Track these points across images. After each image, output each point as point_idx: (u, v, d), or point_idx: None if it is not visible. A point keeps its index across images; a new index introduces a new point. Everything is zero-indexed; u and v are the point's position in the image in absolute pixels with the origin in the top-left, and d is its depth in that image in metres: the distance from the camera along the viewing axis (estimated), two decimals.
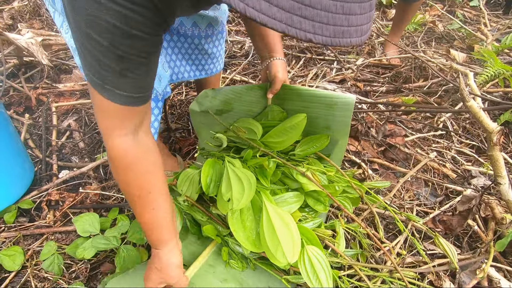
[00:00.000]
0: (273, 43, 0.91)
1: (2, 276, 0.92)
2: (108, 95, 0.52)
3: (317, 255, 0.71)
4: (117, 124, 0.57)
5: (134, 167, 0.60)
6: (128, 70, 0.50)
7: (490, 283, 0.89)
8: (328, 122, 0.96)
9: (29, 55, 1.60)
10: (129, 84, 0.52)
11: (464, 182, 1.20)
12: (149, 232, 0.67)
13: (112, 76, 0.50)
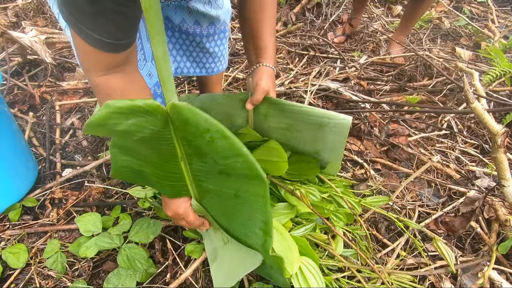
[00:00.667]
0: (264, 46, 0.81)
1: (7, 273, 0.93)
2: (81, 34, 0.52)
3: (308, 266, 0.70)
4: (94, 65, 0.57)
5: (117, 96, 0.60)
6: (100, 14, 0.49)
7: (492, 285, 0.89)
8: (317, 146, 0.84)
9: (32, 53, 1.61)
10: (100, 28, 0.51)
11: (467, 183, 1.19)
12: None
13: (83, 17, 0.49)
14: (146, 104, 0.31)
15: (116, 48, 0.55)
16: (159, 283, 0.91)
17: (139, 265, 0.89)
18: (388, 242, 1.00)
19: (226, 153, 0.41)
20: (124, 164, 0.46)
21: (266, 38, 0.81)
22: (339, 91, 1.56)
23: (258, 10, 0.79)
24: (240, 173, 0.44)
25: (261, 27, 0.80)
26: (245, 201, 0.50)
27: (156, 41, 0.26)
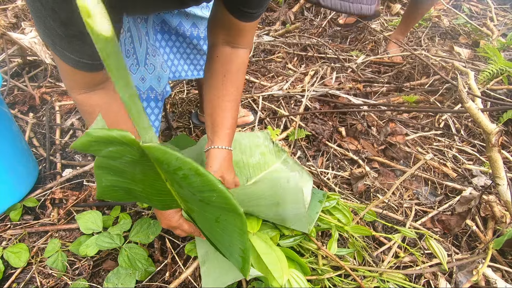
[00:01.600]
0: (219, 124, 0.74)
1: (8, 272, 0.95)
2: (60, 56, 0.52)
3: (296, 278, 0.72)
4: (74, 84, 0.58)
5: (104, 117, 0.60)
6: (73, 37, 0.49)
7: (487, 283, 0.90)
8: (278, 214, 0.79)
9: (32, 54, 1.62)
10: (77, 50, 0.51)
11: (464, 182, 1.20)
12: None
13: (59, 39, 0.49)
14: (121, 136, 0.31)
15: (95, 67, 0.55)
16: (158, 281, 0.93)
17: (139, 264, 0.90)
18: (385, 240, 1.01)
19: (201, 188, 0.41)
20: (110, 183, 0.46)
21: (224, 115, 0.74)
22: (336, 94, 1.57)
23: (220, 81, 0.74)
24: (218, 205, 0.45)
25: (220, 102, 0.74)
26: (225, 227, 0.51)
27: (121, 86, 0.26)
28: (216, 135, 0.74)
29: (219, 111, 0.74)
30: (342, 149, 1.33)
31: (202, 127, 1.44)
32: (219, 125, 0.74)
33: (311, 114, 1.48)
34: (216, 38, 0.73)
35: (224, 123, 0.74)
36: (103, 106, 0.62)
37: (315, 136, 1.36)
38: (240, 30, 0.70)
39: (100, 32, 0.22)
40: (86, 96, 0.60)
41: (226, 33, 0.72)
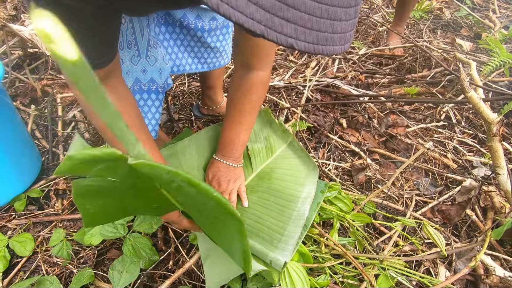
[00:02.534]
0: (231, 142, 0.83)
1: (14, 261, 0.96)
2: None
3: (296, 270, 0.74)
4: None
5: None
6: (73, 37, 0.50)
7: (486, 271, 0.91)
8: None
9: (33, 46, 1.61)
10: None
11: (464, 172, 1.21)
12: None
13: None
14: (106, 154, 0.30)
15: (94, 66, 0.55)
16: (162, 270, 0.94)
17: (143, 253, 0.91)
18: (385, 230, 1.02)
19: (197, 197, 0.41)
20: (100, 208, 0.45)
21: (236, 135, 0.83)
22: (337, 85, 1.56)
23: (238, 100, 0.82)
24: (215, 212, 0.45)
25: (233, 124, 0.83)
26: (224, 231, 0.52)
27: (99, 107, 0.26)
28: (223, 149, 0.85)
29: (225, 131, 0.84)
30: (343, 141, 1.34)
31: (204, 119, 1.45)
32: (228, 141, 0.84)
33: (313, 106, 1.48)
34: (236, 58, 0.80)
35: (235, 141, 0.84)
36: (121, 98, 0.64)
37: (316, 128, 1.37)
38: (255, 47, 0.73)
39: (66, 57, 0.21)
40: None
41: (242, 52, 0.76)
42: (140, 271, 0.92)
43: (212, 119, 1.44)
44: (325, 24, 0.31)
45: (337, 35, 0.32)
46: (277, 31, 0.29)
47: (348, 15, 0.32)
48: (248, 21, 0.27)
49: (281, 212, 0.79)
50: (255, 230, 0.79)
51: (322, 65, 1.74)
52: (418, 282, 0.89)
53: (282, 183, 0.83)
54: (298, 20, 0.29)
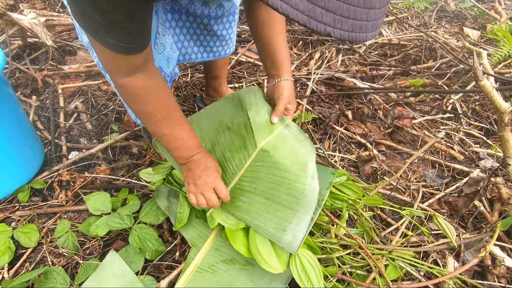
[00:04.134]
0: (281, 62, 0.87)
1: (19, 252, 0.96)
2: (100, 41, 0.55)
3: (308, 258, 0.74)
4: (116, 68, 0.61)
5: (149, 97, 0.66)
6: (113, 24, 0.51)
7: (493, 261, 0.91)
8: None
9: (33, 36, 1.58)
10: (116, 35, 0.54)
11: (471, 164, 1.20)
12: (186, 144, 0.74)
13: (99, 26, 0.52)
14: None
15: (133, 50, 0.58)
16: (168, 260, 0.93)
17: (150, 244, 0.91)
18: (392, 221, 1.02)
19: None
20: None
21: (281, 54, 0.86)
22: (342, 77, 1.55)
23: (268, 27, 0.83)
24: None
25: (275, 43, 0.85)
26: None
27: None
28: (280, 70, 0.87)
29: (277, 50, 0.86)
30: (349, 132, 1.32)
31: None
32: (281, 62, 0.86)
33: (317, 98, 1.46)
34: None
35: (285, 60, 0.87)
36: (149, 89, 0.66)
37: (321, 120, 1.35)
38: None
39: None
40: (129, 79, 0.63)
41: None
42: (147, 262, 0.91)
43: None
44: (361, 12, 0.32)
45: (370, 23, 0.34)
46: (318, 20, 0.31)
47: (382, 3, 0.34)
48: (293, 11, 0.29)
49: (292, 187, 0.77)
50: (266, 208, 0.78)
51: (327, 58, 1.72)
52: (426, 273, 0.88)
53: (287, 160, 0.81)
54: (337, 10, 0.31)
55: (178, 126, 0.73)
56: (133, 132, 1.29)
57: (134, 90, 0.65)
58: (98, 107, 1.44)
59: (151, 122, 0.70)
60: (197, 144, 0.78)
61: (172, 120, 0.72)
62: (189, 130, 0.76)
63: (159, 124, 0.70)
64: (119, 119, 1.39)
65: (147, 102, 0.67)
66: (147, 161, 1.21)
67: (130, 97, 0.67)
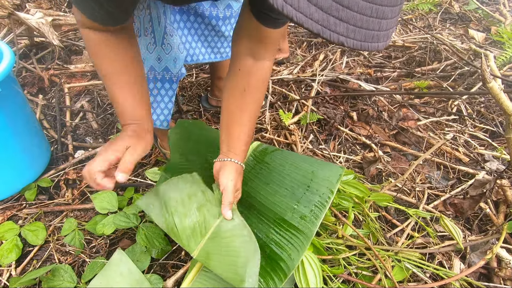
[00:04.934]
0: (237, 139, 0.73)
1: (26, 250, 0.96)
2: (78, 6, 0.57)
3: (309, 259, 0.73)
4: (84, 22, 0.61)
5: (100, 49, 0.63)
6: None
7: (499, 263, 0.91)
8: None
9: (40, 36, 1.59)
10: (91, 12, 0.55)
11: (477, 166, 1.20)
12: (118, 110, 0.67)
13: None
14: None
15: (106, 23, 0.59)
16: (174, 260, 0.94)
17: (156, 243, 0.91)
18: (398, 222, 1.02)
19: None
20: None
21: (241, 130, 0.73)
22: (347, 79, 1.55)
23: (240, 95, 0.72)
24: None
25: (238, 115, 0.73)
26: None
27: None
28: (232, 150, 0.73)
29: (236, 125, 0.73)
30: (353, 134, 1.33)
31: (212, 110, 1.44)
32: (235, 140, 0.73)
33: (322, 99, 1.46)
34: (240, 46, 0.71)
35: (241, 138, 0.73)
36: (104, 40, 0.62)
37: (326, 121, 1.36)
38: (263, 37, 0.68)
39: None
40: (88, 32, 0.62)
41: (250, 40, 0.69)
42: (153, 261, 0.92)
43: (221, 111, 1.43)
44: (373, 22, 0.33)
45: (382, 32, 0.35)
46: (331, 29, 0.31)
47: (394, 13, 0.35)
48: (308, 21, 0.30)
49: None
50: None
51: (331, 60, 1.72)
52: (432, 274, 0.88)
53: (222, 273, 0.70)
54: (351, 20, 0.32)
55: (117, 89, 0.66)
56: None
57: (90, 42, 0.63)
58: (104, 106, 1.45)
59: (101, 77, 0.68)
60: (135, 115, 0.67)
61: (116, 80, 0.66)
62: (129, 96, 0.66)
63: (104, 80, 0.66)
64: None
65: (97, 53, 0.64)
66: (153, 160, 1.22)
67: (87, 48, 0.66)
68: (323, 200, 0.76)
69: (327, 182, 0.78)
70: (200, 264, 0.81)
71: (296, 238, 0.73)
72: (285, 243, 0.74)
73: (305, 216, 0.75)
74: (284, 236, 0.74)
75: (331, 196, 0.75)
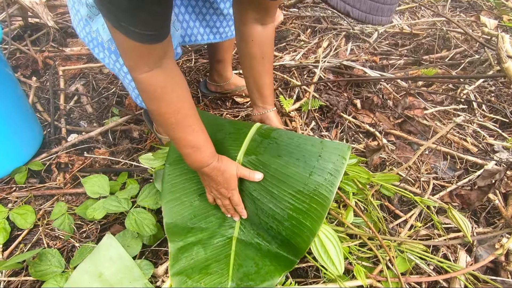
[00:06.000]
0: (268, 94, 0.94)
1: (15, 233, 0.93)
2: (124, 32, 0.52)
3: (326, 233, 0.71)
4: (139, 61, 0.59)
5: (163, 97, 0.63)
6: (137, 8, 0.48)
7: (507, 257, 0.87)
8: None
9: (34, 16, 1.54)
10: (141, 22, 0.51)
11: (486, 156, 1.15)
12: (197, 153, 0.71)
13: (123, 14, 0.49)
14: None
15: (158, 37, 0.56)
16: (166, 247, 0.90)
17: (147, 229, 0.87)
18: (401, 213, 0.98)
19: None
20: None
21: (269, 87, 0.94)
22: (351, 65, 1.49)
23: (261, 62, 0.89)
24: None
25: (264, 78, 0.92)
26: None
27: None
28: (266, 103, 0.96)
29: (264, 86, 0.93)
30: (357, 121, 1.27)
31: (211, 96, 1.39)
32: (266, 95, 0.94)
33: (325, 85, 1.41)
34: (246, 18, 0.82)
35: (270, 93, 0.95)
36: (166, 88, 0.63)
37: (329, 108, 1.30)
38: (268, 7, 0.80)
39: None
40: (148, 75, 0.61)
41: (256, 11, 0.80)
42: (145, 247, 0.88)
43: (220, 97, 1.38)
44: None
45: (386, 6, 0.37)
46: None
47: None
48: None
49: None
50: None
51: (334, 46, 1.66)
52: (436, 267, 0.84)
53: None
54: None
55: (190, 132, 0.69)
56: (134, 116, 1.25)
57: (151, 87, 0.62)
58: (99, 90, 1.40)
59: (164, 124, 0.68)
60: (210, 153, 0.73)
61: (185, 124, 0.68)
62: (203, 138, 0.72)
63: (172, 127, 0.67)
64: (120, 103, 1.35)
65: (161, 103, 0.64)
66: (148, 145, 1.17)
67: (147, 95, 0.64)
68: (337, 167, 0.72)
69: (337, 150, 0.75)
70: None
71: (314, 209, 0.71)
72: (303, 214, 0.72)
73: (321, 185, 0.72)
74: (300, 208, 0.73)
75: (345, 162, 0.72)
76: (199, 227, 0.82)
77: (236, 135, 0.85)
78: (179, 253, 0.78)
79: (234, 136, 0.85)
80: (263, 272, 0.73)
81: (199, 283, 0.73)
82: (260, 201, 0.77)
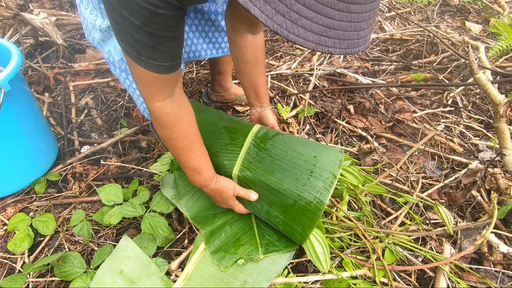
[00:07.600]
0: (263, 93, 1.03)
1: (38, 239, 1.01)
2: (144, 65, 0.59)
3: (316, 235, 0.81)
4: (155, 91, 0.66)
5: (175, 123, 0.72)
6: (159, 44, 0.56)
7: (489, 248, 0.94)
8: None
9: (44, 35, 1.64)
10: (161, 55, 0.58)
11: (470, 156, 1.23)
12: (197, 176, 0.81)
13: (145, 49, 0.56)
14: None
15: (172, 68, 0.63)
16: (177, 248, 0.99)
17: (161, 231, 0.96)
18: (392, 211, 1.06)
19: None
20: None
21: (264, 87, 1.03)
22: (344, 73, 1.58)
23: (254, 66, 0.98)
24: None
25: (258, 79, 1.01)
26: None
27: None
28: (263, 102, 1.05)
29: (259, 87, 1.02)
30: (350, 126, 1.36)
31: (212, 105, 1.47)
32: (261, 95, 1.04)
33: (320, 92, 1.50)
34: (238, 29, 0.90)
35: (265, 92, 1.04)
36: (177, 116, 0.71)
37: (324, 114, 1.39)
38: (256, 21, 0.86)
39: None
40: (162, 104, 0.68)
41: (247, 23, 0.89)
42: (158, 249, 0.96)
43: (221, 106, 1.47)
44: (353, 35, 0.43)
45: (361, 40, 0.44)
46: (323, 45, 0.41)
47: (368, 24, 0.44)
48: (305, 42, 0.40)
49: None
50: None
51: (329, 55, 1.75)
52: (424, 259, 0.92)
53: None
54: (336, 36, 0.41)
55: (193, 157, 0.78)
56: (142, 127, 1.34)
57: (165, 116, 0.70)
58: (108, 103, 1.49)
59: (172, 148, 0.76)
60: (210, 176, 0.83)
61: (190, 150, 0.77)
62: (204, 162, 0.81)
63: (178, 151, 0.76)
64: (128, 115, 1.44)
65: (172, 129, 0.72)
66: (155, 154, 1.26)
67: (159, 122, 0.72)
68: (327, 185, 0.77)
69: (329, 166, 0.79)
70: (203, 248, 0.86)
71: (303, 221, 0.80)
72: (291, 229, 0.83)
73: (310, 203, 0.77)
74: (289, 224, 0.82)
75: (334, 181, 0.77)
76: (221, 212, 0.96)
77: (232, 146, 0.90)
78: (211, 235, 0.91)
79: (230, 148, 0.90)
80: (284, 240, 0.87)
81: (236, 254, 0.85)
82: (257, 207, 0.88)
